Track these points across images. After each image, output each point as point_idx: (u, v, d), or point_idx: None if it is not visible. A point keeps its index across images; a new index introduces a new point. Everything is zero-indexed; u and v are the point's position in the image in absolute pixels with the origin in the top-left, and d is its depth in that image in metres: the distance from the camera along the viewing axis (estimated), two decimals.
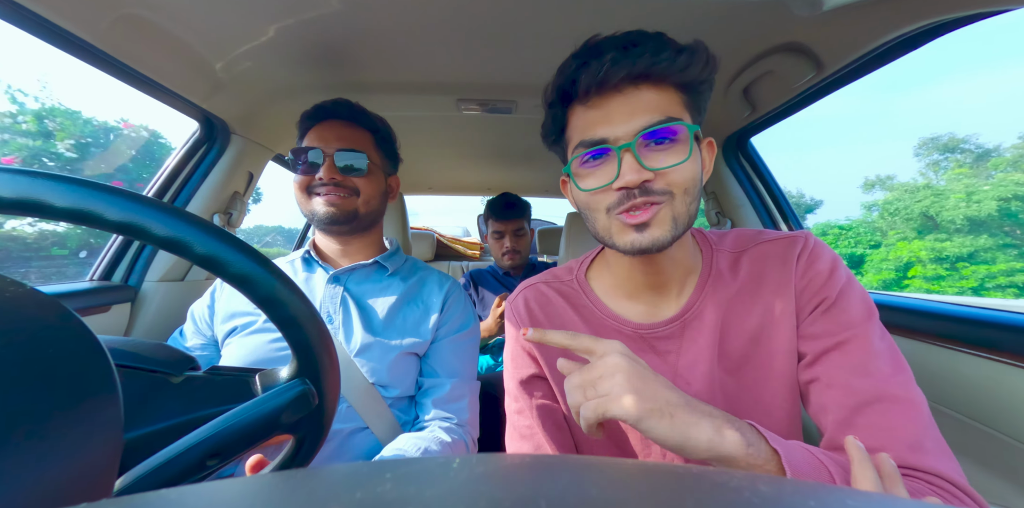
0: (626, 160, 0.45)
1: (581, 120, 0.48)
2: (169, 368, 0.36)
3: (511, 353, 0.62)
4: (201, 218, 0.29)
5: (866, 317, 0.46)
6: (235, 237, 0.30)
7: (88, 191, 0.25)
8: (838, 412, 0.43)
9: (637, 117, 0.44)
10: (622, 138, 0.45)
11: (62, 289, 0.93)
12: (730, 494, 0.11)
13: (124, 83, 0.88)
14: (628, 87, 0.45)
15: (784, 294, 0.50)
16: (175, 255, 0.28)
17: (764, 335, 0.50)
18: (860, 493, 0.11)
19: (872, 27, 0.71)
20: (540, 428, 0.56)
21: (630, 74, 0.43)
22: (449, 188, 2.40)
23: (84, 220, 0.25)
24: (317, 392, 0.35)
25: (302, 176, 0.77)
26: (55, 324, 0.22)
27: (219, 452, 0.31)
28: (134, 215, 0.26)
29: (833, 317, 0.47)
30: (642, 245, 0.46)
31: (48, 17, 0.66)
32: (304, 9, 0.75)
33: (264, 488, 0.14)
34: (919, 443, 0.39)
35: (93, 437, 0.21)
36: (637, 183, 0.44)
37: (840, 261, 0.50)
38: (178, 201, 1.13)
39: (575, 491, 0.12)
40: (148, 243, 0.28)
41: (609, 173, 0.46)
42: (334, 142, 0.77)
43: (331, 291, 0.78)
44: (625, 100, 0.45)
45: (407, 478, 0.13)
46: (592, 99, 0.46)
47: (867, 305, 0.47)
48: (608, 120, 0.46)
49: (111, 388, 0.23)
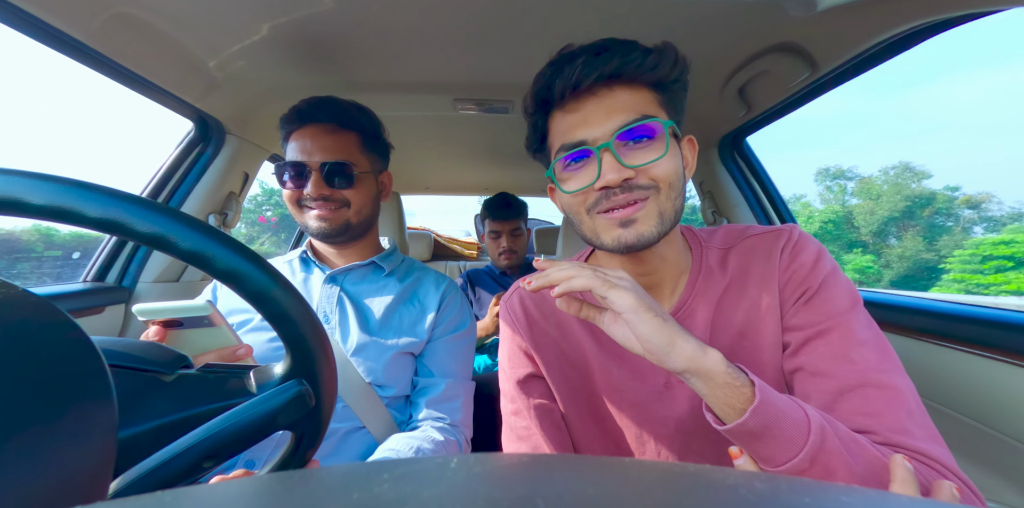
0: (606, 159, 0.46)
1: (560, 125, 0.50)
2: (160, 367, 0.35)
3: (507, 353, 0.62)
4: (184, 213, 0.28)
5: (849, 306, 0.46)
6: (219, 231, 0.29)
7: (66, 188, 0.25)
8: (820, 398, 0.43)
9: (613, 117, 0.46)
10: (600, 138, 0.46)
11: (55, 291, 0.93)
12: (726, 492, 0.11)
13: (117, 82, 0.87)
14: (602, 89, 0.46)
15: (768, 287, 0.50)
16: (161, 252, 0.27)
17: (751, 329, 0.51)
18: (855, 489, 0.12)
19: (866, 27, 0.72)
20: (538, 428, 0.56)
21: (602, 75, 0.45)
22: (446, 188, 2.40)
23: (63, 217, 0.25)
24: (314, 391, 0.35)
25: (290, 190, 0.75)
26: (48, 327, 0.22)
27: (216, 454, 0.31)
28: (115, 211, 0.26)
29: (815, 307, 0.47)
30: (628, 241, 0.46)
31: (40, 16, 0.66)
32: (298, 7, 0.74)
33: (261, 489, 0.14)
34: (905, 428, 0.39)
35: (87, 441, 0.21)
36: (618, 182, 0.45)
37: (825, 252, 0.50)
38: (172, 201, 1.12)
39: (572, 490, 0.12)
40: (131, 240, 0.27)
41: (590, 174, 0.47)
42: (318, 154, 0.73)
43: (327, 291, 0.78)
44: (600, 102, 0.47)
45: (404, 478, 0.13)
46: (569, 103, 0.48)
47: (851, 294, 0.47)
48: (585, 122, 0.47)
49: (105, 392, 0.23)
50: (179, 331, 0.53)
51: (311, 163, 0.73)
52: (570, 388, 0.58)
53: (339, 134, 0.76)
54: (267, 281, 0.31)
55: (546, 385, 0.60)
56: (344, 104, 0.77)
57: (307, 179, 0.73)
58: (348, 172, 0.74)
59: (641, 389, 0.54)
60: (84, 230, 0.27)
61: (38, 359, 0.20)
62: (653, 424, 0.54)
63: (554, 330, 0.59)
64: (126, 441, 0.30)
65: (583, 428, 0.58)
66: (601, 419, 0.57)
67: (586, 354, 0.57)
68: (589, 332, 0.57)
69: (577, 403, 0.58)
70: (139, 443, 0.30)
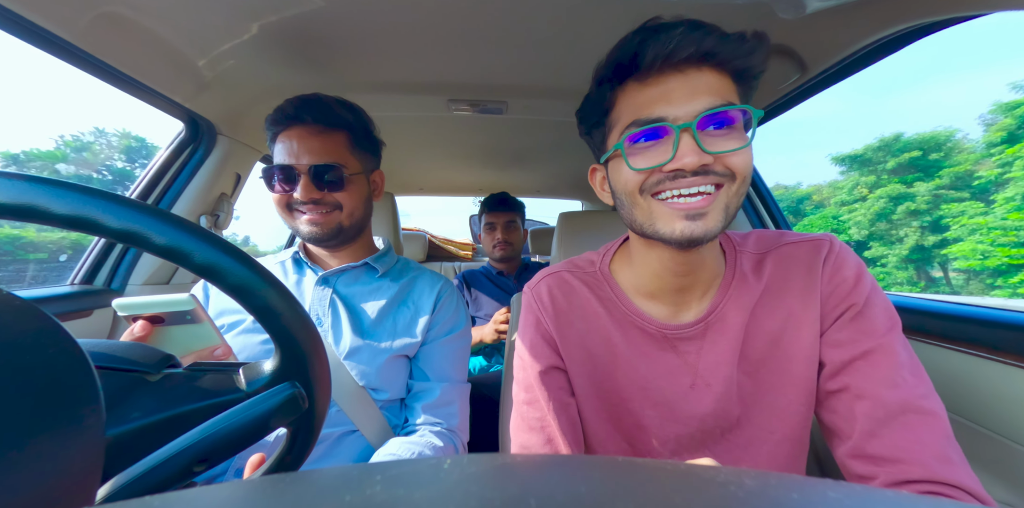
0: (684, 141, 0.42)
1: (636, 98, 0.45)
2: (145, 366, 0.35)
3: (530, 342, 0.59)
4: (156, 208, 0.28)
5: (891, 326, 0.46)
6: (194, 224, 0.29)
7: (30, 185, 0.24)
8: (866, 423, 0.43)
9: (698, 98, 0.42)
10: (682, 118, 0.42)
11: (41, 293, 0.91)
12: (716, 488, 0.11)
13: (106, 83, 0.86)
14: (690, 68, 0.43)
15: (810, 299, 0.49)
16: (136, 248, 0.27)
17: (786, 339, 0.50)
18: (842, 485, 0.12)
19: (855, 30, 0.73)
20: (555, 422, 0.54)
21: (698, 51, 0.42)
22: (440, 189, 2.40)
23: (29, 216, 0.24)
24: (306, 389, 0.35)
25: (279, 194, 0.73)
26: (32, 331, 0.21)
27: (207, 457, 0.31)
28: (83, 208, 0.25)
29: (859, 325, 0.47)
30: (694, 234, 0.43)
31: (25, 15, 0.65)
32: (289, 6, 0.74)
33: (252, 493, 0.13)
34: (946, 455, 0.40)
35: (74, 446, 0.20)
36: (695, 166, 0.42)
37: (865, 268, 0.50)
38: (163, 203, 1.10)
39: (564, 489, 0.12)
40: (103, 236, 0.26)
41: (664, 154, 0.43)
42: (306, 156, 0.71)
43: (320, 293, 0.77)
44: (687, 80, 0.43)
45: (397, 480, 0.13)
46: (652, 76, 0.44)
47: (891, 314, 0.47)
48: (667, 98, 0.43)
49: (93, 397, 0.22)
50: (161, 328, 0.51)
51: (299, 166, 0.71)
52: (591, 383, 0.57)
53: (327, 134, 0.73)
54: (247, 274, 0.30)
55: (566, 378, 0.58)
56: (330, 102, 0.74)
57: (296, 183, 0.71)
58: (338, 174, 0.72)
59: (668, 388, 0.53)
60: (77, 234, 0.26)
61: (23, 364, 0.20)
62: (675, 424, 0.54)
63: (581, 323, 0.57)
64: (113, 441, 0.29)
65: (597, 424, 0.57)
66: (617, 417, 0.56)
67: (613, 349, 0.55)
68: (618, 327, 0.55)
69: (595, 399, 0.57)
70: (126, 443, 0.30)
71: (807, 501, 0.11)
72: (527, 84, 1.06)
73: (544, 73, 0.99)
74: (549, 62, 0.56)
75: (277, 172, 0.72)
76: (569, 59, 0.92)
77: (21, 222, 0.25)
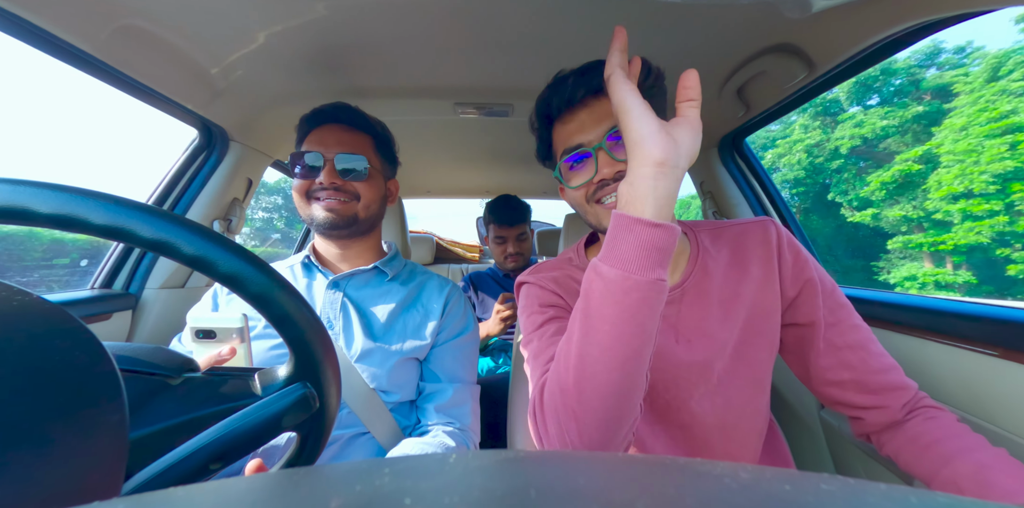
0: (600, 157, 0.54)
1: (561, 134, 0.59)
2: (167, 370, 0.36)
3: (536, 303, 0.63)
4: (186, 218, 0.29)
5: (829, 276, 0.62)
6: (221, 235, 0.30)
7: (72, 197, 0.25)
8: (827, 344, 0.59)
9: (603, 123, 0.54)
10: (594, 140, 0.55)
11: (65, 298, 0.94)
12: (711, 481, 0.12)
13: (124, 92, 0.89)
14: (591, 101, 0.56)
15: (768, 266, 0.61)
16: (165, 257, 0.28)
17: (752, 297, 0.61)
18: (836, 478, 0.12)
19: (861, 28, 0.72)
20: None
21: (589, 89, 0.55)
22: (448, 191, 2.41)
23: (70, 225, 0.26)
24: (318, 392, 0.36)
25: (301, 180, 0.77)
26: (63, 332, 0.23)
27: (222, 456, 0.32)
28: (120, 219, 0.26)
29: (803, 272, 0.61)
30: None
31: (50, 30, 0.67)
32: (298, 16, 0.76)
33: (268, 485, 0.14)
34: (892, 364, 0.57)
35: (100, 442, 0.21)
36: (612, 174, 0.53)
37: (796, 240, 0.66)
38: (178, 208, 1.13)
39: (563, 482, 0.12)
40: (136, 246, 0.28)
41: (589, 171, 0.56)
42: (334, 146, 0.76)
43: (331, 297, 0.78)
44: (591, 111, 0.55)
45: (405, 472, 0.13)
46: (566, 116, 0.58)
47: (820, 267, 0.63)
48: (581, 128, 0.56)
49: (117, 394, 0.23)
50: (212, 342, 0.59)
51: (326, 154, 0.76)
52: None
53: (356, 133, 0.80)
54: (269, 283, 0.31)
55: None
56: (360, 111, 0.83)
57: (320, 169, 0.75)
58: (362, 165, 0.77)
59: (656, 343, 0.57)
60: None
61: (55, 363, 0.21)
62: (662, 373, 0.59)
63: (574, 298, 0.62)
64: (136, 443, 0.30)
65: None
66: None
67: None
68: None
69: None
70: (148, 444, 0.31)
71: (799, 492, 0.11)
72: (532, 86, 1.06)
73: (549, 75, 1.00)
74: (554, 64, 0.59)
75: (305, 158, 0.76)
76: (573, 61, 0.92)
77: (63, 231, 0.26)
